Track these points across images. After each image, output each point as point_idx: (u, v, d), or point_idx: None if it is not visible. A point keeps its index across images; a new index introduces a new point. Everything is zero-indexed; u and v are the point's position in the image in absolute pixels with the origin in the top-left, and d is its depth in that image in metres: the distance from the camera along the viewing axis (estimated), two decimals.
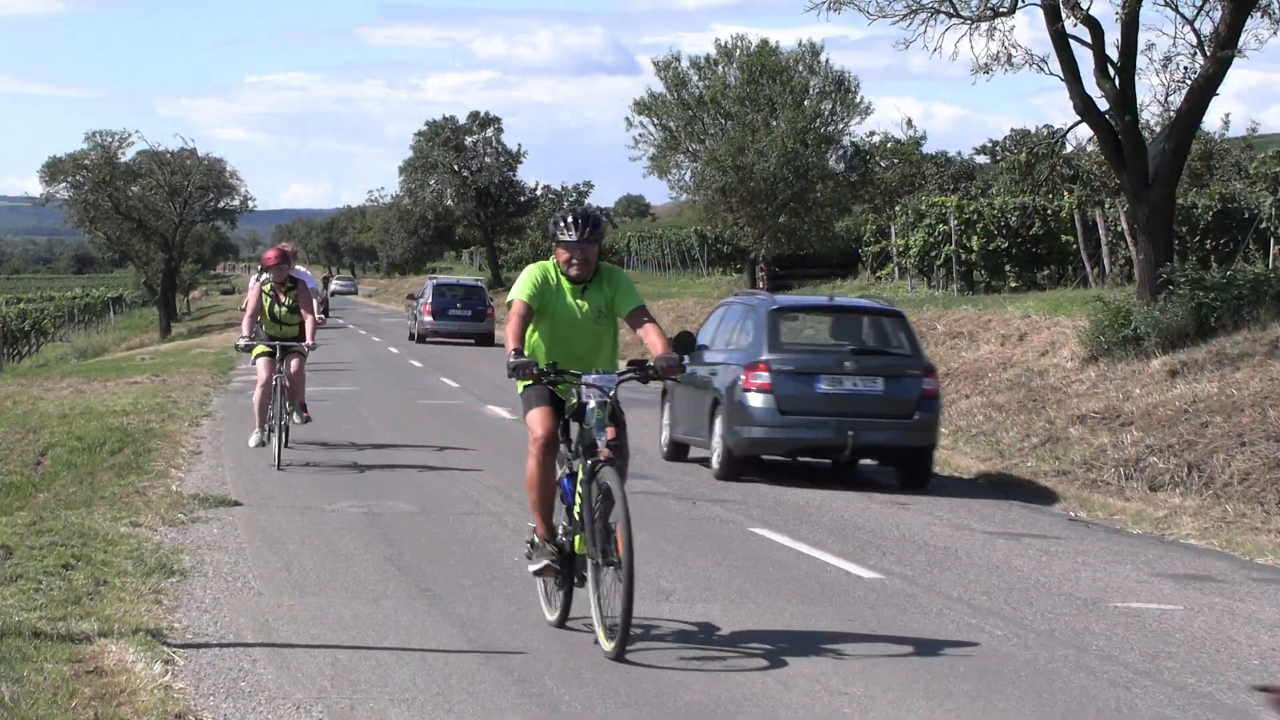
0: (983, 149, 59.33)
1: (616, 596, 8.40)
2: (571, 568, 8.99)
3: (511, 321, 8.87)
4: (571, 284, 8.98)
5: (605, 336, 9.12)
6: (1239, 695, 8.34)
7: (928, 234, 36.08)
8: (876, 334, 17.60)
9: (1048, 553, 12.91)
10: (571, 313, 9.00)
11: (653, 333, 8.88)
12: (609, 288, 9.06)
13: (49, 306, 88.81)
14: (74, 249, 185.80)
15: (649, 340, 8.87)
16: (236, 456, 17.45)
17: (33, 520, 12.50)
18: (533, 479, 8.93)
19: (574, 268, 8.93)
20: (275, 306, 16.98)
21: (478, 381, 30.81)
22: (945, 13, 23.98)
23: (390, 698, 7.57)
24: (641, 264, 76.13)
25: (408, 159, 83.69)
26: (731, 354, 17.48)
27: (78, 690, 7.27)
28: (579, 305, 9.00)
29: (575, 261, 8.92)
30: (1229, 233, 32.52)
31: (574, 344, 9.01)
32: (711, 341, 18.23)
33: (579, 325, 9.01)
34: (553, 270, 9.04)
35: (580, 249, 8.90)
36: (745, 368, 16.87)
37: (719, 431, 17.08)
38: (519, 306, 8.90)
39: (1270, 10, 22.91)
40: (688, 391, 18.01)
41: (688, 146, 52.19)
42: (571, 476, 8.90)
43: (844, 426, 16.58)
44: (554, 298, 8.97)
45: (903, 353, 17.26)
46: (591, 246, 8.93)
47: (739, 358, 17.19)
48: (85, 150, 76.70)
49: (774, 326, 17.24)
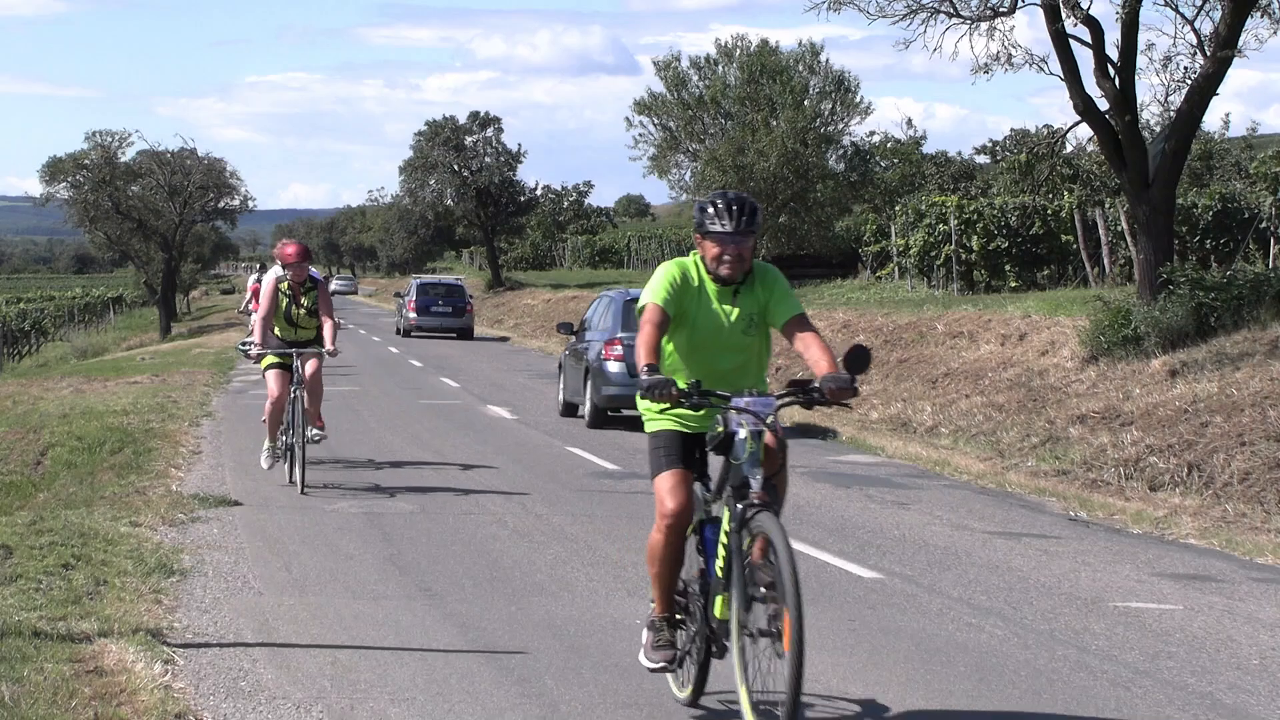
0: (983, 149, 59.33)
1: (775, 674, 6.74)
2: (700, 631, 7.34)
3: (643, 330, 7.25)
4: (719, 286, 7.39)
5: (756, 350, 7.51)
6: (1239, 695, 8.34)
7: (928, 234, 36.08)
8: None
9: (1048, 553, 12.90)
10: (717, 321, 7.40)
11: (815, 346, 7.30)
12: (763, 290, 7.44)
13: (49, 306, 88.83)
14: (74, 249, 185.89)
15: (811, 356, 7.29)
16: (236, 456, 17.45)
17: (33, 520, 12.50)
18: (656, 552, 7.29)
19: (725, 266, 7.30)
20: (293, 308, 15.47)
21: (477, 381, 30.82)
22: (945, 13, 23.98)
23: (390, 698, 7.58)
24: (642, 264, 76.14)
25: (408, 159, 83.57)
26: (599, 334, 22.60)
27: (78, 690, 7.27)
28: (726, 312, 7.39)
29: (728, 259, 7.29)
30: (1229, 233, 32.51)
31: (718, 359, 7.43)
32: (590, 325, 23.48)
33: (725, 336, 7.41)
34: (695, 269, 7.44)
35: (735, 243, 7.28)
36: (605, 343, 21.94)
37: (589, 391, 22.18)
38: (653, 312, 7.29)
39: (1270, 10, 22.91)
40: (572, 363, 23.63)
41: (688, 146, 52.25)
42: (712, 523, 7.34)
43: None
44: (695, 302, 7.39)
45: None
46: (748, 240, 7.31)
47: (602, 336, 22.33)
48: (85, 150, 76.71)
49: (626, 312, 22.15)
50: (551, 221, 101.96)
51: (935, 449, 20.28)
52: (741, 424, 6.97)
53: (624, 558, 11.78)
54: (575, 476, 16.69)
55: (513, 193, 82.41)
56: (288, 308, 15.47)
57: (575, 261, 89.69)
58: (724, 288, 7.38)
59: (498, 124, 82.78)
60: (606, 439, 20.63)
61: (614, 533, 12.96)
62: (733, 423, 7.01)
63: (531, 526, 13.15)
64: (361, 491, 14.90)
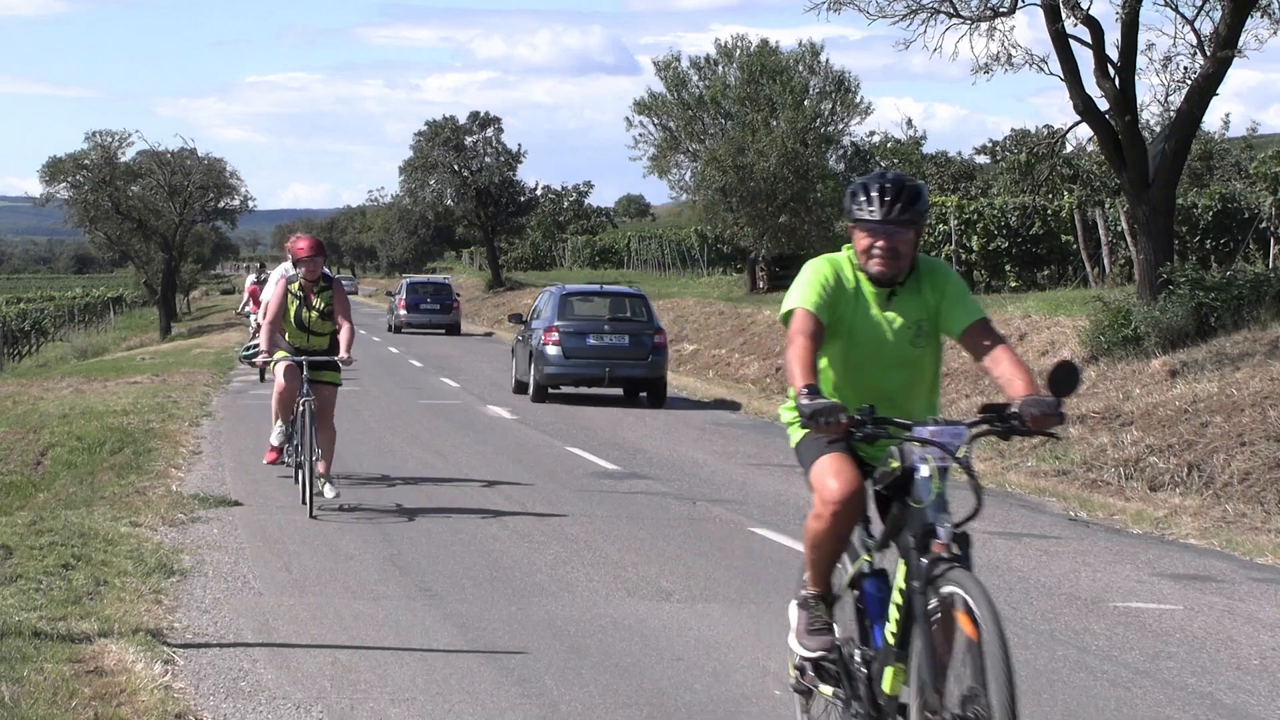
0: (983, 149, 59.39)
1: None
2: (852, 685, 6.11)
3: (794, 344, 5.96)
4: (876, 287, 6.15)
5: (925, 366, 6.27)
6: (1239, 695, 8.34)
7: (928, 234, 36.10)
8: (627, 308, 27.34)
9: (1048, 553, 12.90)
10: (877, 331, 6.15)
11: (1007, 361, 6.00)
12: (932, 292, 6.17)
13: (49, 306, 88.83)
14: (74, 249, 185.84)
15: (1001, 373, 6.00)
16: (236, 456, 17.45)
17: (33, 520, 12.50)
18: (817, 537, 6.10)
19: (877, 261, 6.06)
20: (304, 311, 13.60)
21: (477, 381, 30.83)
22: (945, 13, 23.99)
23: (390, 698, 7.58)
24: (641, 264, 76.13)
25: (408, 159, 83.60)
26: (540, 323, 26.81)
27: (78, 690, 7.27)
28: (888, 319, 6.15)
29: (877, 253, 6.04)
30: (1229, 233, 32.52)
31: (880, 377, 6.18)
32: (535, 315, 27.65)
33: (888, 349, 6.16)
34: (849, 267, 6.19)
35: (887, 233, 6.01)
36: (545, 331, 26.31)
37: (532, 371, 26.54)
38: (803, 320, 6.01)
39: (1270, 10, 22.91)
40: (520, 348, 28.02)
41: (688, 146, 52.23)
42: (876, 577, 6.12)
43: (603, 365, 26.15)
44: (851, 307, 6.14)
45: (642, 320, 26.85)
46: (906, 232, 6.02)
47: (542, 325, 26.61)
48: (85, 150, 76.67)
49: (563, 304, 26.91)
50: (551, 221, 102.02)
51: None
52: (926, 458, 5.70)
53: (624, 558, 11.78)
54: (575, 476, 16.69)
55: (513, 193, 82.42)
56: (298, 311, 13.63)
57: (575, 262, 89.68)
58: (881, 289, 6.14)
59: (498, 124, 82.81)
60: (607, 439, 20.63)
61: (614, 533, 12.96)
62: (913, 456, 5.74)
63: (531, 526, 13.15)
64: (361, 491, 14.88)
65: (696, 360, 37.31)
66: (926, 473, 5.68)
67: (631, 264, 78.35)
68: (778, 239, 48.93)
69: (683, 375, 34.29)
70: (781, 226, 48.74)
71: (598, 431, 21.69)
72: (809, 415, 5.65)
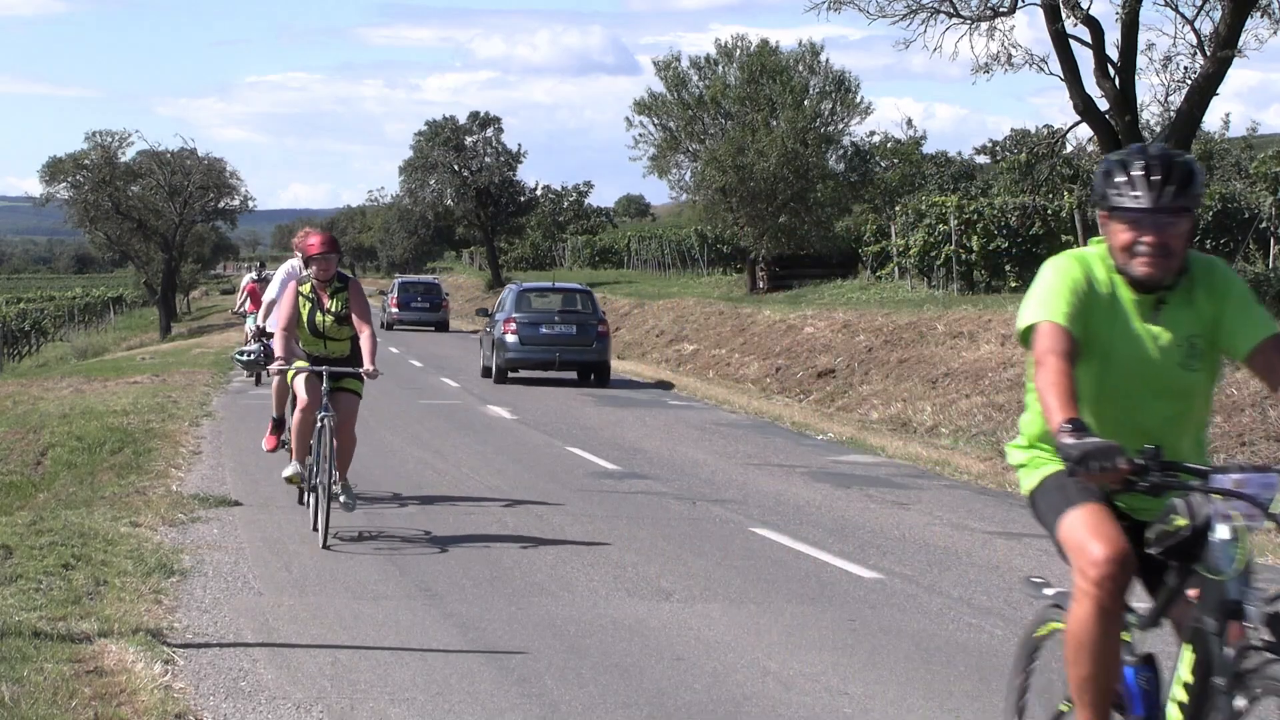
0: (983, 149, 59.40)
1: None
2: None
3: (1046, 366, 4.74)
4: (1138, 294, 4.91)
5: (1197, 395, 4.99)
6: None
7: (928, 234, 36.10)
8: (576, 302, 31.07)
9: (1048, 553, 12.89)
10: (1140, 348, 4.91)
11: None
12: (1209, 300, 4.90)
13: (49, 306, 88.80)
14: (74, 249, 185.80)
15: None
16: (236, 456, 17.45)
17: (33, 520, 12.50)
18: (1083, 639, 4.83)
19: (1142, 261, 4.81)
20: (318, 315, 12.11)
21: (477, 381, 30.85)
22: (945, 13, 24.03)
23: (390, 698, 7.58)
24: (641, 264, 76.11)
25: (408, 159, 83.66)
26: (502, 314, 30.39)
27: (78, 690, 7.27)
28: (1154, 334, 4.91)
29: (1144, 251, 4.79)
30: (1229, 233, 32.53)
31: (1141, 409, 4.94)
32: (498, 309, 31.23)
33: (1153, 374, 4.92)
34: (1103, 267, 4.93)
35: (1157, 225, 4.76)
36: (504, 321, 30.05)
37: (495, 358, 30.34)
38: (1054, 336, 4.79)
39: (1270, 10, 22.94)
40: (486, 337, 31.94)
41: (688, 146, 52.22)
42: (1142, 665, 4.96)
43: (554, 351, 29.84)
44: (1108, 320, 4.89)
45: (588, 312, 30.63)
46: (1180, 222, 4.79)
47: (503, 316, 30.25)
48: (85, 150, 76.74)
49: (520, 299, 30.89)
50: (551, 221, 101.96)
51: (935, 449, 20.29)
52: (1231, 514, 4.48)
53: (624, 558, 11.78)
54: (575, 476, 16.69)
55: (513, 193, 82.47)
56: (311, 315, 12.16)
57: (575, 262, 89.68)
58: (1143, 296, 4.90)
59: (498, 124, 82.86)
60: (607, 439, 20.63)
61: (614, 533, 12.96)
62: (1207, 512, 4.53)
63: (531, 526, 13.15)
64: (361, 492, 14.88)
65: (696, 360, 37.29)
66: (1228, 534, 4.47)
67: (631, 264, 78.31)
68: (778, 239, 48.94)
69: (683, 375, 34.32)
70: (781, 226, 48.75)
71: (598, 431, 21.69)
72: (1078, 458, 4.45)
